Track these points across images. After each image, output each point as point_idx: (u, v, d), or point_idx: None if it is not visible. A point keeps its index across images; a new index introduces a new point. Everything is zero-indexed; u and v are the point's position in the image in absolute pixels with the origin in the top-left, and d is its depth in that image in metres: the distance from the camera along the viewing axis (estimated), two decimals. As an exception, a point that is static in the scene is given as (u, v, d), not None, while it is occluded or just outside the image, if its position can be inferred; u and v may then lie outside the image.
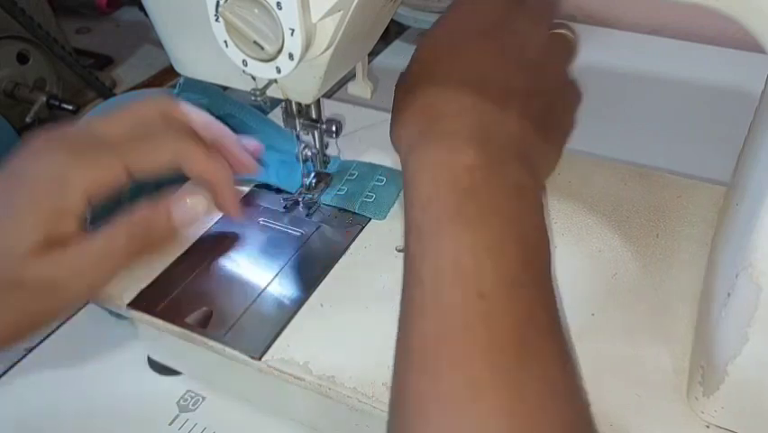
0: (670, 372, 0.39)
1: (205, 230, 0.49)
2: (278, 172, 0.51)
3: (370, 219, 0.49)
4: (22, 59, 0.72)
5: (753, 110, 0.42)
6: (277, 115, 0.53)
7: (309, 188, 0.51)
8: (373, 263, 0.46)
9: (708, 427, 0.36)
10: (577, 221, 0.49)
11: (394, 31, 0.92)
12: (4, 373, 0.51)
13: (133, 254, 0.37)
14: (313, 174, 0.51)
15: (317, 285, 0.44)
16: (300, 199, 0.51)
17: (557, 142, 0.35)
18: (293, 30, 0.32)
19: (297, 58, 0.33)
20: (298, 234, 0.49)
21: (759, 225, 0.31)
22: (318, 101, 0.45)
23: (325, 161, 0.50)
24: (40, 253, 0.34)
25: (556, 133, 0.35)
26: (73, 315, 0.55)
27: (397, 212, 0.50)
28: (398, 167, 0.36)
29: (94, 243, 0.36)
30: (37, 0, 0.76)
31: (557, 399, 0.27)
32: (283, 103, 0.46)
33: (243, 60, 0.35)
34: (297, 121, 0.47)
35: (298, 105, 0.46)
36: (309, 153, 0.49)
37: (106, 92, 0.83)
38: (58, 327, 0.54)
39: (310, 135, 0.48)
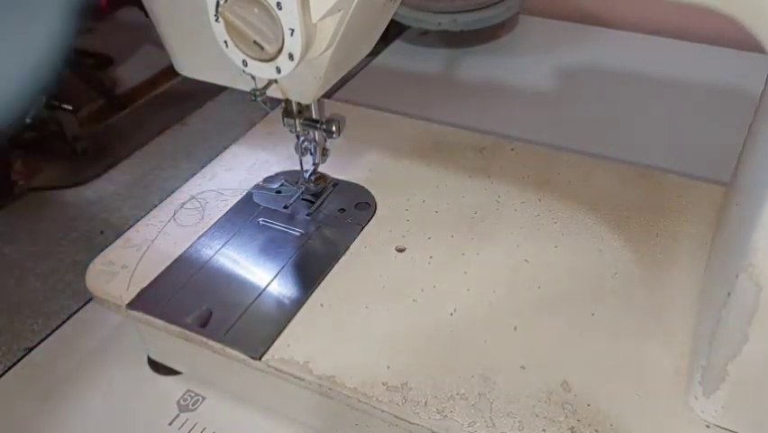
0: (670, 372, 0.39)
1: (205, 230, 0.49)
2: None
3: (370, 219, 0.50)
4: (22, 59, 0.71)
5: (753, 110, 0.42)
6: (277, 115, 0.54)
7: (309, 181, 0.51)
8: (373, 263, 0.46)
9: (708, 427, 0.36)
10: (577, 221, 0.49)
11: (394, 31, 0.92)
12: (5, 372, 0.51)
13: None
14: (312, 167, 0.51)
15: (317, 285, 0.44)
16: (301, 192, 0.51)
17: None
18: (293, 30, 0.32)
19: (297, 58, 0.33)
20: (298, 234, 0.49)
21: (759, 225, 0.31)
22: (318, 101, 0.45)
23: (325, 154, 0.50)
24: None
25: None
26: (73, 314, 0.55)
27: (402, 216, 0.50)
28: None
29: None
30: (37, 0, 0.76)
31: None
32: (283, 103, 0.46)
33: (243, 60, 0.35)
34: (296, 121, 0.47)
35: (298, 105, 0.46)
36: (309, 147, 0.49)
37: (106, 92, 0.83)
38: (58, 327, 0.54)
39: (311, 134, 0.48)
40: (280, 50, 0.33)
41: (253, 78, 0.38)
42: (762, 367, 0.33)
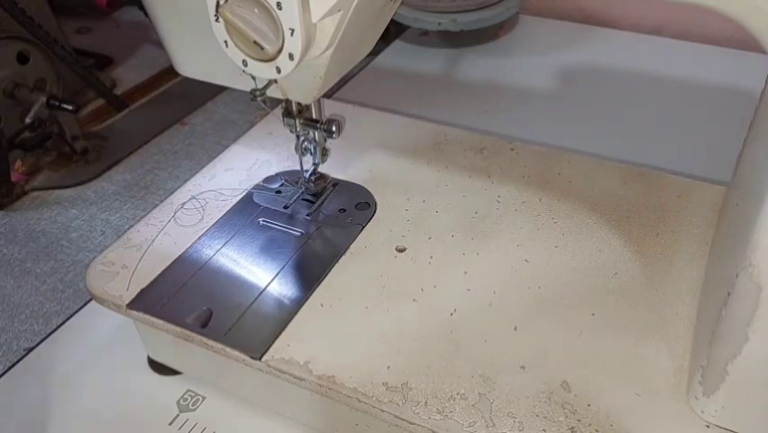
0: (670, 372, 0.39)
1: (205, 230, 0.49)
2: None
3: (370, 219, 0.50)
4: (23, 59, 0.72)
5: (753, 110, 0.42)
6: (277, 115, 0.54)
7: (309, 181, 0.51)
8: (373, 264, 0.46)
9: (708, 427, 0.36)
10: (577, 221, 0.49)
11: (394, 31, 0.92)
12: (4, 372, 0.51)
13: None
14: (312, 167, 0.51)
15: (317, 285, 0.44)
16: (301, 192, 0.51)
17: None
18: (293, 30, 0.32)
19: (297, 58, 0.33)
20: (298, 234, 0.49)
21: (759, 224, 0.31)
22: (318, 101, 0.45)
23: (325, 154, 0.50)
24: None
25: None
26: (73, 315, 0.55)
27: (402, 216, 0.50)
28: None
29: None
30: (37, 0, 0.76)
31: None
32: (283, 103, 0.46)
33: (243, 60, 0.35)
34: (296, 121, 0.47)
35: (298, 105, 0.46)
36: (309, 147, 0.49)
37: (106, 92, 0.83)
38: (58, 327, 0.54)
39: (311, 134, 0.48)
40: (280, 50, 0.33)
41: (253, 78, 0.38)
42: (762, 367, 0.33)
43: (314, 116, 0.47)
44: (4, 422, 0.48)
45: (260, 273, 0.45)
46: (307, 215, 0.50)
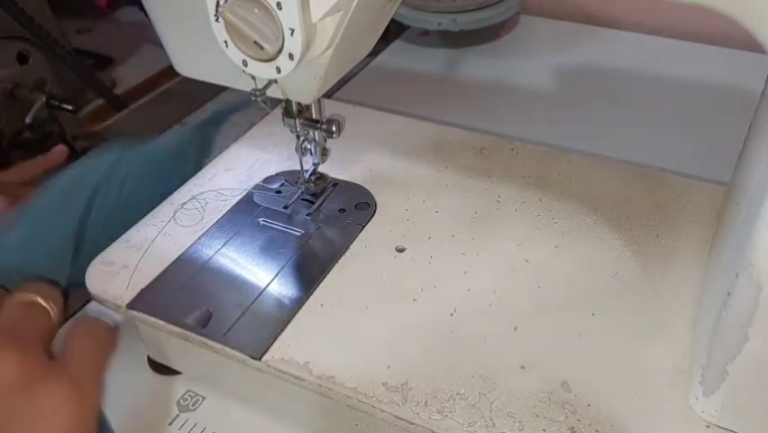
0: (670, 372, 0.39)
1: (205, 230, 0.49)
2: None
3: (370, 219, 0.50)
4: (23, 59, 0.71)
5: (753, 110, 0.42)
6: (277, 115, 0.54)
7: (309, 181, 0.51)
8: (373, 263, 0.46)
9: (708, 427, 0.36)
10: (577, 221, 0.49)
11: (394, 31, 0.92)
12: (4, 373, 0.51)
13: None
14: (312, 167, 0.51)
15: (317, 285, 0.44)
16: (301, 192, 0.51)
17: None
18: (293, 30, 0.32)
19: (297, 58, 0.33)
20: (298, 234, 0.49)
21: (759, 224, 0.31)
22: (318, 101, 0.45)
23: (325, 154, 0.50)
24: None
25: None
26: (73, 314, 0.55)
27: (402, 216, 0.50)
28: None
29: None
30: (37, 0, 0.76)
31: None
32: (283, 103, 0.46)
33: (243, 60, 0.35)
34: (296, 121, 0.47)
35: (298, 105, 0.46)
36: (309, 147, 0.49)
37: (106, 92, 0.83)
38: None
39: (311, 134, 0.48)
40: (280, 50, 0.33)
41: (253, 78, 0.38)
42: (762, 367, 0.33)
43: (314, 116, 0.47)
44: (4, 422, 0.48)
45: (260, 273, 0.45)
46: (307, 215, 0.50)
